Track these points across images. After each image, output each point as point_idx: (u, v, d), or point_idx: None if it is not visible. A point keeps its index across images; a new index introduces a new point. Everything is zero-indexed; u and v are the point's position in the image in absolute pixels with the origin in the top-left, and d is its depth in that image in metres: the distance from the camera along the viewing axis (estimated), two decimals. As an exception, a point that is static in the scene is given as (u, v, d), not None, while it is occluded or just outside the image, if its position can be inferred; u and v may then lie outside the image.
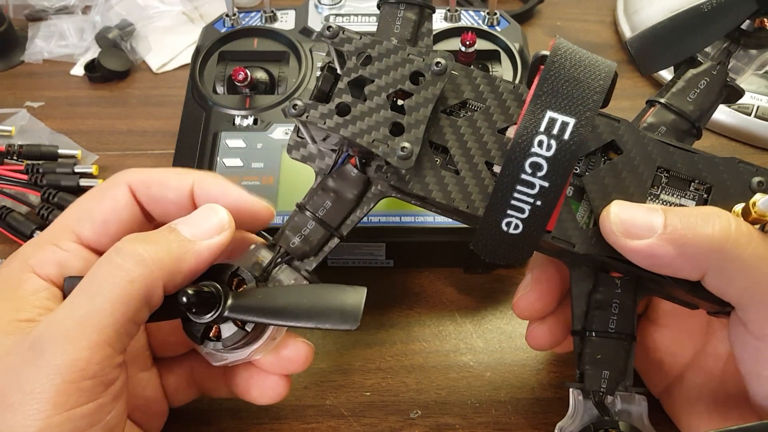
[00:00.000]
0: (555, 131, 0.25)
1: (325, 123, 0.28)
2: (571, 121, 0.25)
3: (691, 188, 0.29)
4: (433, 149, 0.29)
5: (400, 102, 0.29)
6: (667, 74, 0.56)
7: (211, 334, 0.29)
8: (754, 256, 0.26)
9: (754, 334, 0.27)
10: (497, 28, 0.49)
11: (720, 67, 0.31)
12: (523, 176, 0.26)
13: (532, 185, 0.26)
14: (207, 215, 0.29)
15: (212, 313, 0.27)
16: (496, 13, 0.49)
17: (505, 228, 0.27)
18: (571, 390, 0.30)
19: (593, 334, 0.29)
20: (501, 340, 0.41)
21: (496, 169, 0.28)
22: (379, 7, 0.32)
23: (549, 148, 0.25)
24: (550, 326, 0.33)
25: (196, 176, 0.31)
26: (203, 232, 0.28)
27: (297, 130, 0.32)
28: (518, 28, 0.49)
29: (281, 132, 0.43)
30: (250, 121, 0.44)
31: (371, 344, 0.41)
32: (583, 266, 0.30)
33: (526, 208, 0.26)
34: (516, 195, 0.26)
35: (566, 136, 0.25)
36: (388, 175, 0.29)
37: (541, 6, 0.64)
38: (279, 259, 0.31)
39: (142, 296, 0.26)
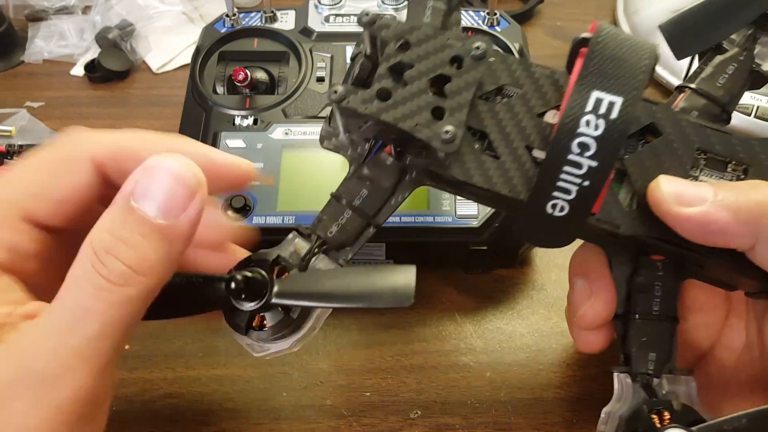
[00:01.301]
0: (602, 111, 0.25)
1: (366, 108, 0.27)
2: (619, 100, 0.25)
3: (729, 169, 0.29)
4: (471, 134, 0.29)
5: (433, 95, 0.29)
6: (669, 76, 0.56)
7: (254, 324, 0.29)
8: None
9: None
10: (497, 28, 0.49)
11: (746, 53, 0.31)
12: (571, 156, 0.25)
13: (579, 165, 0.26)
14: (166, 180, 0.24)
15: (258, 300, 0.27)
16: (496, 13, 0.49)
17: (550, 210, 0.27)
18: (615, 375, 0.30)
19: (637, 316, 0.30)
20: (501, 340, 0.41)
21: (536, 153, 0.28)
22: None
23: (597, 127, 0.25)
24: (603, 328, 0.32)
25: (169, 142, 0.28)
26: (177, 205, 0.24)
27: (328, 120, 0.32)
28: (518, 28, 0.49)
29: (281, 132, 0.43)
30: (250, 121, 0.44)
31: (371, 344, 0.41)
32: (623, 251, 0.30)
33: (573, 189, 0.26)
34: (563, 176, 0.26)
35: (614, 115, 0.25)
36: (429, 160, 0.29)
37: (541, 6, 0.64)
38: (316, 249, 0.30)
39: (142, 310, 0.24)
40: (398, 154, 0.30)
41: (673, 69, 0.55)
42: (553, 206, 0.26)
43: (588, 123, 0.25)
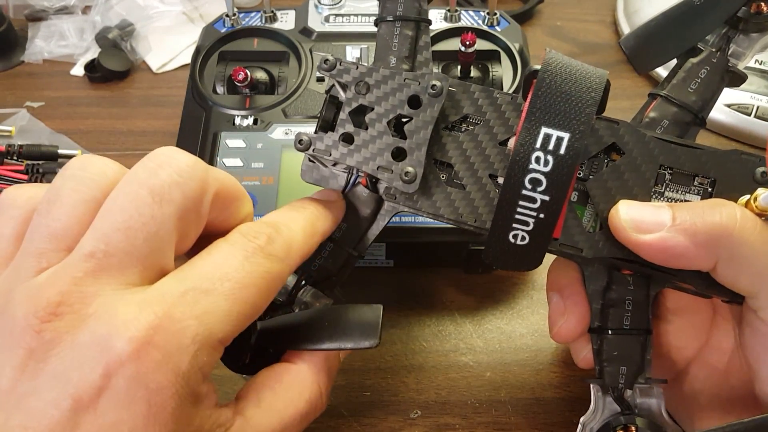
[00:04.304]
0: (551, 147, 0.26)
1: (330, 154, 0.29)
2: (566, 135, 0.26)
3: (695, 183, 0.29)
4: (439, 165, 0.30)
5: (404, 120, 0.29)
6: (664, 72, 0.56)
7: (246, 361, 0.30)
8: (761, 242, 0.26)
9: (765, 321, 0.28)
10: (497, 28, 0.49)
11: (720, 54, 0.31)
12: (524, 192, 0.26)
13: (533, 200, 0.26)
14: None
15: (243, 340, 0.28)
16: (496, 13, 0.49)
17: (512, 240, 0.27)
18: (591, 385, 0.30)
19: (609, 332, 0.30)
20: (501, 340, 0.41)
21: (501, 180, 0.29)
22: (376, 24, 0.33)
23: (546, 163, 0.26)
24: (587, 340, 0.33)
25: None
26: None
27: (308, 156, 0.32)
28: (518, 28, 0.49)
29: (281, 132, 0.43)
30: (250, 121, 0.44)
31: (371, 344, 0.41)
32: (596, 264, 0.30)
33: (530, 221, 0.27)
34: (519, 210, 0.26)
35: (562, 151, 0.26)
36: (397, 197, 0.30)
37: (541, 6, 0.64)
38: (303, 282, 0.31)
39: None
40: (373, 185, 0.31)
41: (670, 66, 0.55)
42: (515, 236, 0.27)
43: (538, 159, 0.26)
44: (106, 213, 0.23)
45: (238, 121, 0.44)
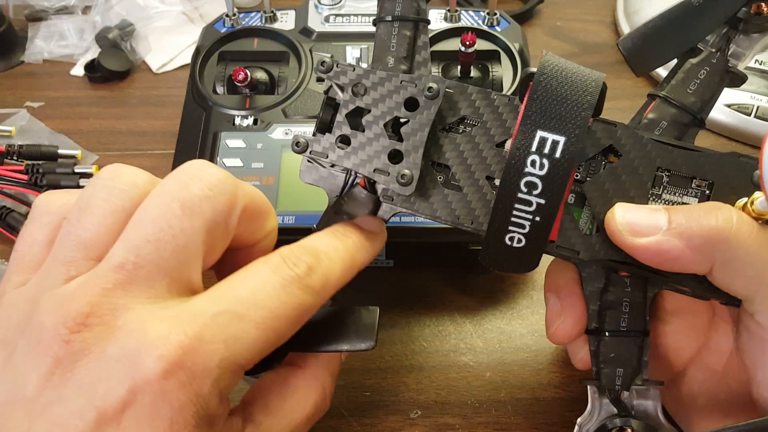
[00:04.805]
0: (546, 150, 0.26)
1: (327, 157, 0.29)
2: (561, 139, 0.26)
3: (693, 185, 0.29)
4: (436, 167, 0.30)
5: (402, 121, 0.29)
6: (664, 72, 0.56)
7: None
8: (757, 246, 0.26)
9: (762, 324, 0.28)
10: (497, 28, 0.49)
11: (719, 55, 0.31)
12: (520, 195, 0.26)
13: (529, 203, 0.26)
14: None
15: None
16: (496, 13, 0.49)
17: (508, 242, 0.27)
18: (588, 387, 0.30)
19: (606, 333, 0.30)
20: (501, 340, 0.41)
21: (498, 182, 0.29)
22: (374, 24, 0.32)
23: (542, 167, 0.26)
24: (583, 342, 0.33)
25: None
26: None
27: (306, 157, 0.32)
28: (518, 28, 0.49)
29: (281, 132, 0.43)
30: (250, 121, 0.44)
31: (371, 344, 0.41)
32: (593, 266, 0.30)
33: (526, 224, 0.27)
34: (515, 213, 0.27)
35: (557, 155, 0.26)
36: (394, 198, 0.30)
37: (541, 6, 0.64)
38: None
39: None
40: (371, 186, 0.31)
41: (670, 66, 0.55)
42: (511, 239, 0.27)
43: (533, 163, 0.26)
44: (136, 224, 0.23)
45: (238, 121, 0.44)
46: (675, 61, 0.32)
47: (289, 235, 0.30)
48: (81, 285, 0.22)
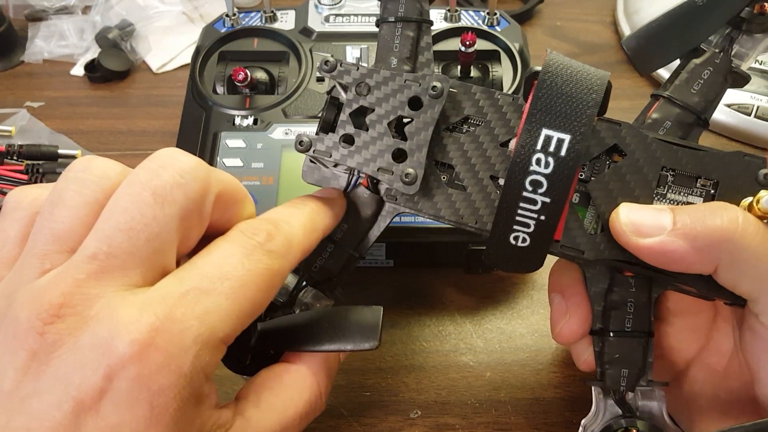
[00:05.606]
0: (551, 148, 0.26)
1: (331, 156, 0.29)
2: (567, 137, 0.26)
3: (698, 185, 0.29)
4: (439, 166, 0.30)
5: (406, 120, 0.29)
6: (665, 72, 0.56)
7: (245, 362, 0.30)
8: (763, 246, 0.26)
9: (766, 325, 0.28)
10: (497, 28, 0.49)
11: (723, 55, 0.31)
12: (525, 194, 0.26)
13: (534, 202, 0.26)
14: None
15: (244, 341, 0.28)
16: (496, 13, 0.49)
17: (513, 242, 0.27)
18: (593, 388, 0.30)
19: (610, 334, 0.30)
20: (501, 340, 0.41)
21: (502, 182, 0.29)
22: (377, 25, 0.32)
23: (547, 165, 0.26)
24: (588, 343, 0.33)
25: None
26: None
27: (309, 157, 0.32)
28: (518, 28, 0.49)
29: (281, 132, 0.43)
30: (250, 121, 0.44)
31: (371, 344, 0.41)
32: (597, 266, 0.30)
33: (531, 223, 0.27)
34: (520, 212, 0.26)
35: (563, 153, 0.26)
36: (398, 198, 0.30)
37: (541, 6, 0.64)
38: (303, 283, 0.31)
39: None
40: (374, 186, 0.31)
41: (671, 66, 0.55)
42: (515, 238, 0.27)
43: (539, 161, 0.26)
44: (108, 214, 0.23)
45: (238, 121, 0.44)
46: (678, 62, 0.32)
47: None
48: (54, 277, 0.22)
